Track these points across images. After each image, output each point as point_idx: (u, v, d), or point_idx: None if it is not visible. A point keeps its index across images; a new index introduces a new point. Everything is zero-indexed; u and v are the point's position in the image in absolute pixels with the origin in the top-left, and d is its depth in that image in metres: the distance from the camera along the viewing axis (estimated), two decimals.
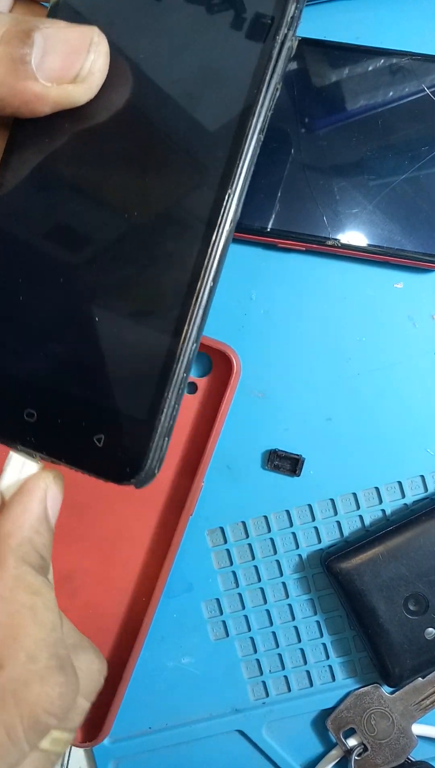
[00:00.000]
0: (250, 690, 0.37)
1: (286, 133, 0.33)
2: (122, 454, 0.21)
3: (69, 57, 0.21)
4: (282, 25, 0.20)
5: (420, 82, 0.33)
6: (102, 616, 0.36)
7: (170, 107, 0.22)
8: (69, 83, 0.21)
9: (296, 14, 0.21)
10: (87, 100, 0.22)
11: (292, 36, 0.21)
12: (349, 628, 0.36)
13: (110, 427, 0.21)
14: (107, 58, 0.21)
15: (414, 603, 0.33)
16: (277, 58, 0.21)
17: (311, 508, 0.36)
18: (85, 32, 0.21)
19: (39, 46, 0.20)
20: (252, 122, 0.21)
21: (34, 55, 0.20)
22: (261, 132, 0.21)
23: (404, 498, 0.36)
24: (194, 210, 0.21)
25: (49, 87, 0.21)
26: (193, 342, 0.21)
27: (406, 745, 0.35)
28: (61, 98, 0.21)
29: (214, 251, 0.21)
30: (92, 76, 0.21)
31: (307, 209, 0.33)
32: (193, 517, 0.35)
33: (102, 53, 0.21)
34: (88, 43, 0.21)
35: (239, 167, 0.21)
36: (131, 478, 0.21)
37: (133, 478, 0.21)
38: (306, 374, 0.36)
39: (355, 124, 0.33)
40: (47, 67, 0.20)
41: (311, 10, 0.35)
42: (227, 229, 0.21)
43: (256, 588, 0.36)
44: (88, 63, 0.21)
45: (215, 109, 0.21)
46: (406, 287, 0.35)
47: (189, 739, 0.37)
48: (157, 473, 0.21)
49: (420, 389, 0.35)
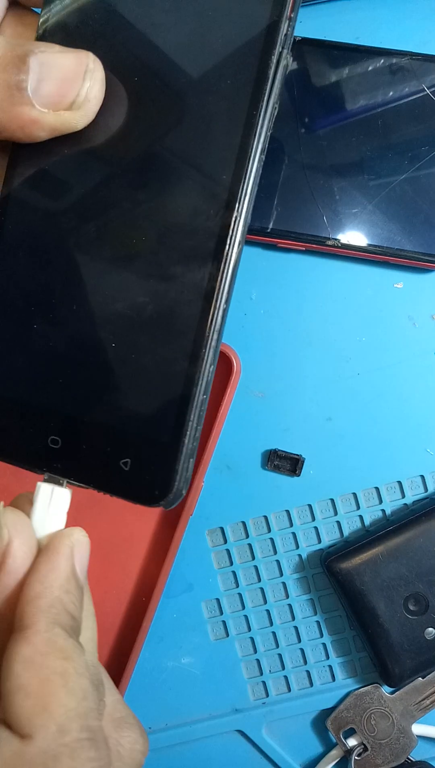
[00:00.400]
0: (250, 690, 0.37)
1: (286, 133, 0.33)
2: (149, 477, 0.21)
3: (64, 84, 0.21)
4: (276, 44, 0.20)
5: (420, 82, 0.33)
6: (102, 616, 0.36)
7: (168, 129, 0.22)
8: (65, 110, 0.21)
9: (290, 32, 0.21)
10: (83, 125, 0.22)
11: (287, 54, 0.21)
12: (349, 628, 0.36)
13: (136, 452, 0.21)
14: (103, 84, 0.21)
15: (414, 603, 0.33)
16: (274, 77, 0.21)
17: (311, 508, 0.36)
18: (81, 58, 0.21)
19: (35, 71, 0.20)
20: (253, 144, 0.21)
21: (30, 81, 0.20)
22: (262, 153, 0.21)
23: (404, 498, 0.36)
24: (202, 234, 0.21)
25: (45, 113, 0.21)
26: (211, 364, 0.21)
27: (406, 745, 0.35)
28: (58, 124, 0.21)
29: (224, 274, 0.21)
30: (88, 103, 0.21)
31: (307, 209, 0.33)
32: (193, 517, 0.35)
33: (98, 80, 0.21)
34: (84, 70, 0.21)
35: (244, 190, 0.21)
36: (160, 501, 0.21)
37: (162, 500, 0.21)
38: (306, 374, 0.36)
39: (355, 124, 0.33)
40: (43, 93, 0.20)
41: (311, 10, 0.35)
42: (236, 251, 0.21)
43: (256, 588, 0.36)
44: (84, 90, 0.21)
45: (214, 132, 0.21)
46: (406, 287, 0.35)
47: (189, 739, 0.37)
48: (184, 494, 0.21)
49: (420, 389, 0.35)
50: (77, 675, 0.20)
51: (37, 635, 0.19)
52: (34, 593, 0.20)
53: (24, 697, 0.19)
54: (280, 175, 0.33)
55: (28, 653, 0.19)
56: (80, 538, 0.22)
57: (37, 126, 0.21)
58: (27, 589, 0.21)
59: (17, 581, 0.21)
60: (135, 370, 0.22)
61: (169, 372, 0.21)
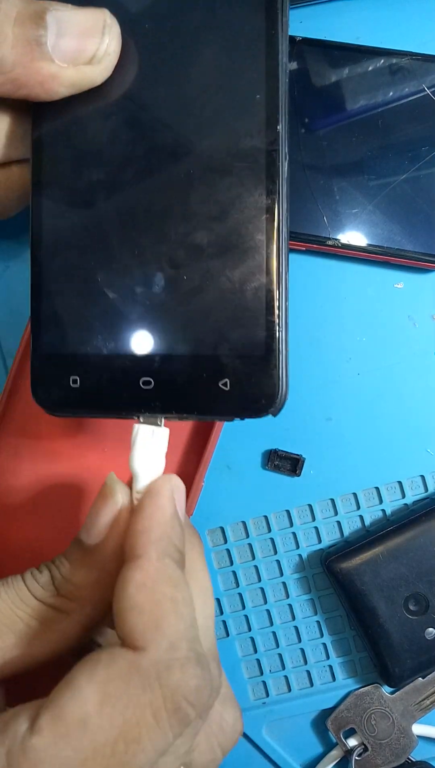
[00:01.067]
0: (250, 690, 0.37)
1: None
2: (252, 390, 0.22)
3: (84, 38, 0.21)
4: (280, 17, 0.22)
5: (420, 82, 0.33)
6: None
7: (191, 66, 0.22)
8: (85, 64, 0.21)
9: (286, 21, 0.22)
10: (103, 80, 0.22)
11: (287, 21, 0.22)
12: (350, 628, 0.36)
13: (233, 370, 0.22)
14: (120, 39, 0.22)
15: (414, 603, 0.33)
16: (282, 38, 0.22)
17: (311, 508, 0.36)
18: (98, 15, 0.22)
19: (53, 27, 0.21)
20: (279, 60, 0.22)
21: (49, 37, 0.21)
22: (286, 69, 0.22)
23: (404, 498, 0.36)
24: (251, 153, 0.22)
25: (65, 68, 0.21)
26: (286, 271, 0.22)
27: (406, 745, 0.35)
28: (78, 79, 0.22)
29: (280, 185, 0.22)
30: (108, 57, 0.22)
31: (307, 209, 0.33)
32: (193, 517, 0.35)
33: (115, 35, 0.22)
34: (102, 25, 0.21)
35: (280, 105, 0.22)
36: (269, 408, 0.22)
37: (271, 407, 0.22)
38: (306, 374, 0.36)
39: (355, 124, 0.33)
40: (63, 48, 0.21)
41: (311, 10, 0.35)
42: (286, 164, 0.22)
43: (257, 588, 0.36)
44: (104, 45, 0.21)
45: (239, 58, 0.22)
46: (406, 287, 0.35)
47: None
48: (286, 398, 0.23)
49: (420, 389, 0.35)
50: (185, 603, 0.21)
51: (150, 563, 0.21)
52: (143, 527, 0.21)
53: (138, 614, 0.20)
54: None
55: (140, 578, 0.20)
56: (178, 483, 0.23)
57: (57, 81, 0.21)
58: (137, 524, 0.22)
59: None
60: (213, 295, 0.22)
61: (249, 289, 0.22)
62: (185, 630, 0.20)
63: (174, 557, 0.21)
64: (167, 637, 0.20)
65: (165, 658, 0.19)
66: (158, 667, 0.19)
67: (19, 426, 0.34)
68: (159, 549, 0.21)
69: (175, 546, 0.22)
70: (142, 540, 0.21)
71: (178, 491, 0.23)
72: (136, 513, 0.22)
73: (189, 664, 0.20)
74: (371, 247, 0.33)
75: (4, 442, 0.34)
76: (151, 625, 0.20)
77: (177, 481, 0.23)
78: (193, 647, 0.20)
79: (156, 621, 0.20)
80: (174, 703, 0.19)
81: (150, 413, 0.23)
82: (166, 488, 0.22)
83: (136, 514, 0.22)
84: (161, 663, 0.19)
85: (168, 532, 0.22)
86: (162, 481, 0.23)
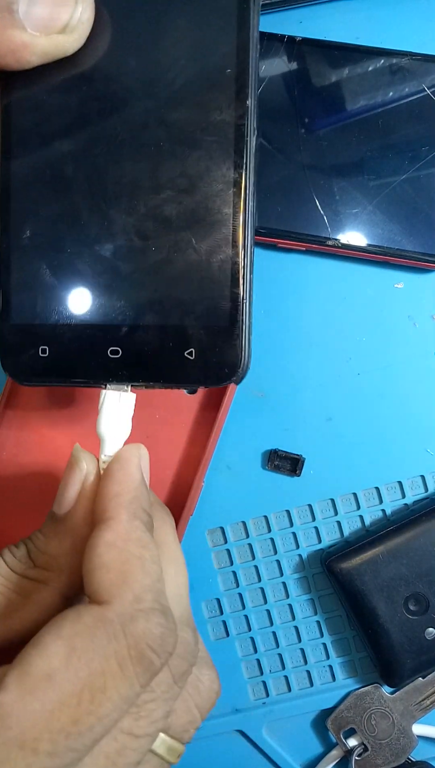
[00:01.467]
0: (250, 690, 0.37)
1: (286, 133, 0.33)
2: (216, 359, 0.23)
3: (56, 7, 0.21)
4: None
5: (420, 82, 0.33)
6: None
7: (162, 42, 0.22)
8: (58, 33, 0.21)
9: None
10: (75, 50, 0.22)
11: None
12: (350, 628, 0.36)
13: (198, 340, 0.23)
14: (93, 8, 0.22)
15: (414, 603, 0.33)
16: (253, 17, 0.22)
17: (311, 508, 0.36)
18: None
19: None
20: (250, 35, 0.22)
21: (21, 4, 0.20)
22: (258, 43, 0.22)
23: (404, 498, 0.36)
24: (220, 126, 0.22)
25: (37, 36, 0.21)
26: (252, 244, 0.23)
27: (406, 745, 0.35)
28: (50, 48, 0.21)
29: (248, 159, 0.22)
30: (82, 25, 0.21)
31: (307, 209, 0.33)
32: (193, 517, 0.35)
33: (89, 3, 0.21)
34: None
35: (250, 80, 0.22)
36: (232, 377, 0.23)
37: (233, 376, 0.23)
38: (306, 374, 0.36)
39: (355, 124, 0.33)
40: (35, 16, 0.21)
41: (311, 10, 0.35)
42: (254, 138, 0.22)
43: (257, 588, 0.36)
44: (78, 13, 0.21)
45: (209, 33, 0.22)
46: (406, 287, 0.35)
47: None
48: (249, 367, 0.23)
49: (420, 389, 0.35)
50: (152, 561, 0.21)
51: (120, 524, 0.21)
52: (113, 491, 0.22)
53: (105, 571, 0.21)
54: (280, 175, 0.33)
55: (110, 538, 0.21)
56: (145, 452, 0.24)
57: (29, 50, 0.21)
58: (106, 488, 0.22)
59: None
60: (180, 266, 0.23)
61: (215, 261, 0.22)
62: (151, 584, 0.21)
63: (143, 519, 0.22)
64: (133, 591, 0.20)
65: (130, 610, 0.20)
66: (123, 618, 0.20)
67: (19, 424, 0.34)
68: (129, 511, 0.22)
69: (143, 509, 0.22)
70: (112, 503, 0.22)
71: (144, 460, 0.23)
72: (104, 478, 0.23)
73: (153, 614, 0.20)
74: (371, 247, 0.33)
75: (5, 439, 0.34)
76: (117, 581, 0.20)
77: (144, 451, 0.24)
78: (158, 599, 0.21)
79: (123, 576, 0.20)
80: (138, 651, 0.20)
81: (117, 381, 0.23)
82: (134, 455, 0.23)
83: (105, 479, 0.23)
84: (126, 614, 0.20)
85: (137, 496, 0.22)
86: (130, 449, 0.23)
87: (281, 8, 0.35)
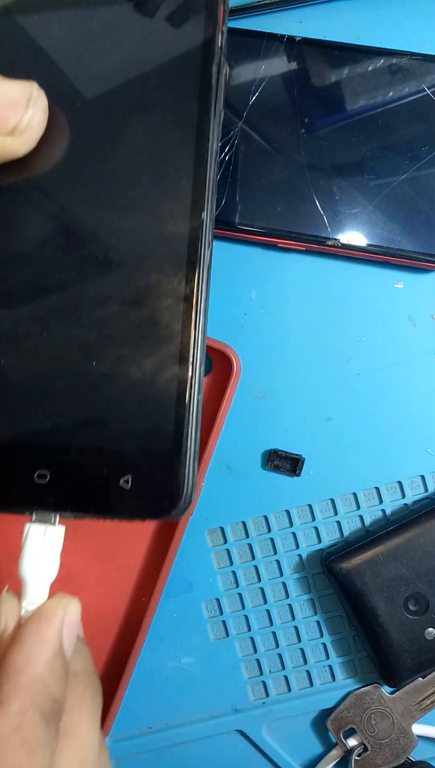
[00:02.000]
0: (250, 690, 0.37)
1: (286, 133, 0.33)
2: (155, 489, 0.20)
3: (7, 109, 0.21)
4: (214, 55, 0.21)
5: (420, 82, 0.33)
6: (102, 616, 0.36)
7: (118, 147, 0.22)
8: (6, 135, 0.21)
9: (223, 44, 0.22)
10: (25, 152, 0.22)
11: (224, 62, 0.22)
12: (349, 628, 0.36)
13: (136, 467, 0.20)
14: (46, 113, 0.21)
15: (414, 603, 0.33)
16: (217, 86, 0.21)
17: (311, 508, 0.36)
18: (25, 86, 0.21)
19: None
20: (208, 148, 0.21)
21: None
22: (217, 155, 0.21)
23: (404, 498, 0.36)
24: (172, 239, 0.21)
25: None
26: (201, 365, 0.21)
27: (406, 745, 0.35)
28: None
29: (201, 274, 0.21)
30: (30, 130, 0.21)
31: (307, 209, 0.33)
32: (193, 517, 0.35)
33: (40, 108, 0.21)
34: (27, 97, 0.21)
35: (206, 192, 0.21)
36: (171, 511, 0.20)
37: (173, 510, 0.20)
38: (306, 374, 0.36)
39: (355, 124, 0.33)
40: None
41: (311, 10, 0.35)
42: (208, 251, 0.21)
43: (256, 588, 0.36)
44: (27, 117, 0.21)
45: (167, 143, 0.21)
46: (406, 287, 0.35)
47: (189, 739, 0.37)
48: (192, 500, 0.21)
49: (420, 389, 0.35)
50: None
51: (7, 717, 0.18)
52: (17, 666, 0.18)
53: None
54: (281, 175, 0.33)
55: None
56: (74, 609, 0.20)
57: None
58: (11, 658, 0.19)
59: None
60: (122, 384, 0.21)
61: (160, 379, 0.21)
62: None
63: (42, 709, 0.18)
64: None
65: None
66: None
67: None
68: (27, 696, 0.18)
69: (48, 695, 0.18)
70: (11, 682, 0.18)
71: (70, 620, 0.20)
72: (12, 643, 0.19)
73: None
74: (371, 247, 0.33)
75: None
76: None
77: (73, 607, 0.20)
78: None
79: None
80: None
81: (43, 510, 0.21)
82: (57, 615, 0.20)
83: (12, 646, 0.19)
84: None
85: (44, 676, 0.18)
86: (54, 604, 0.20)
87: (281, 8, 0.35)
